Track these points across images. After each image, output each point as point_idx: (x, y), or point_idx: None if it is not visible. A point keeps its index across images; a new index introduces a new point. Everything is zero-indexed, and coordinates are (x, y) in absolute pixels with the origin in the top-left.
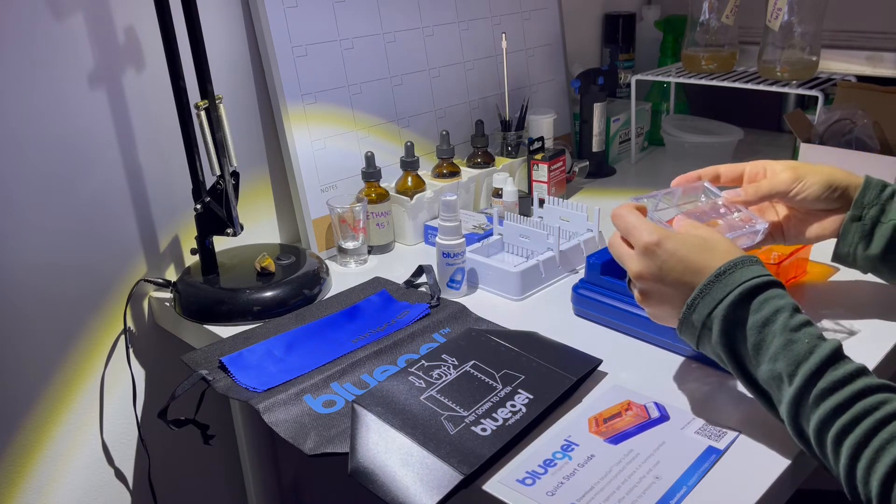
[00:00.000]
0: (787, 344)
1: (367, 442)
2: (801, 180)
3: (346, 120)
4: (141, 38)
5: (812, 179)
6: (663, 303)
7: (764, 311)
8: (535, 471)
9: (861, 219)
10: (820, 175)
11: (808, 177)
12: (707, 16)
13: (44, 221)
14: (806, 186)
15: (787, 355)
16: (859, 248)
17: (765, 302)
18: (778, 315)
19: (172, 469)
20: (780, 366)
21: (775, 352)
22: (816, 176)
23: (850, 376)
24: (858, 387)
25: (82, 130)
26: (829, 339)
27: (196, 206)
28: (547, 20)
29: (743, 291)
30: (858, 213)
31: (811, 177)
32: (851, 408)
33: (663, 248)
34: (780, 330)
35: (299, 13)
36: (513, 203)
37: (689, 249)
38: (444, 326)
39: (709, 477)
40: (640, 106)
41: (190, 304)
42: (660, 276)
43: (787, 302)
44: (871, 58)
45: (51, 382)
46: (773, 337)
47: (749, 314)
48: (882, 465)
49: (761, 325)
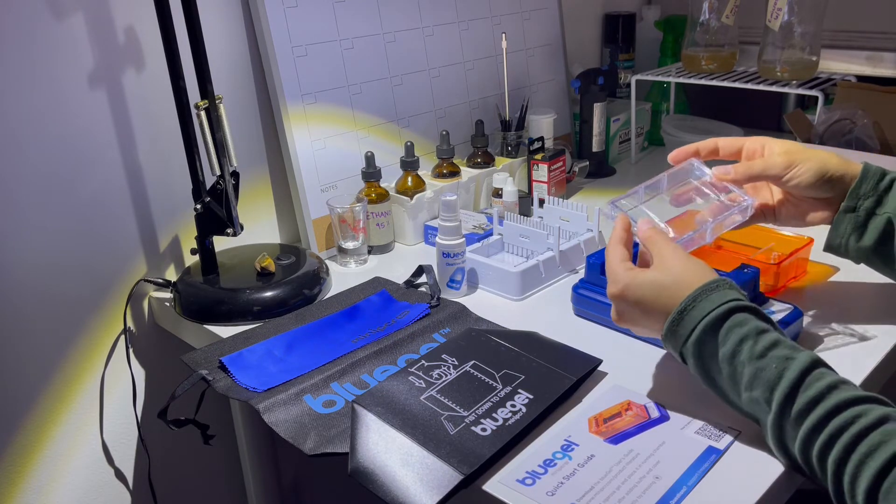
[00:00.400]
0: (756, 372)
1: (367, 442)
2: (795, 166)
3: (346, 120)
4: (141, 38)
5: (806, 166)
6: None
7: (728, 344)
8: (535, 471)
9: (855, 210)
10: (814, 162)
11: (802, 163)
12: (707, 16)
13: (44, 221)
14: (799, 173)
15: (759, 383)
16: (852, 238)
17: (728, 333)
18: (742, 344)
19: (172, 469)
20: (757, 393)
21: (749, 381)
22: (810, 163)
23: (821, 394)
24: (831, 404)
25: (82, 130)
26: (797, 356)
27: (196, 206)
28: (547, 20)
29: (705, 327)
30: (853, 204)
31: (805, 163)
32: (827, 426)
33: (627, 299)
34: (748, 359)
35: (299, 13)
36: (513, 203)
37: (651, 295)
38: (444, 326)
39: (709, 477)
40: (640, 106)
41: (190, 304)
42: (631, 318)
43: (749, 328)
44: (871, 58)
45: (51, 382)
46: (743, 367)
47: (717, 347)
48: (864, 480)
49: (730, 358)
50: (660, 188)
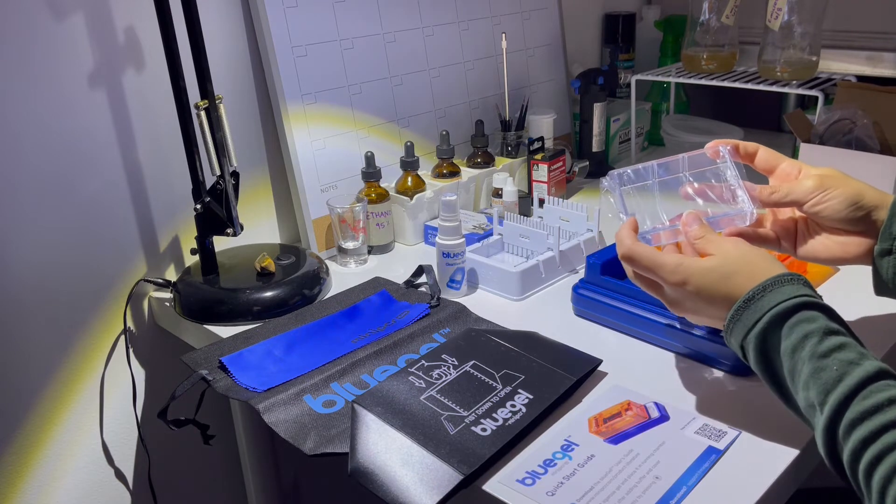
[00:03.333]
0: (815, 371)
1: (367, 442)
2: (824, 190)
3: (346, 120)
4: (141, 38)
5: (836, 192)
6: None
7: (793, 337)
8: (535, 471)
9: (892, 252)
10: (847, 189)
11: (833, 189)
12: (707, 16)
13: (44, 221)
14: (827, 198)
15: (816, 383)
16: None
17: (795, 326)
18: (807, 340)
19: (172, 469)
20: (812, 394)
21: (806, 379)
22: (842, 189)
23: (881, 405)
24: (889, 417)
25: (82, 130)
26: (864, 364)
27: (196, 206)
28: (547, 20)
29: (772, 318)
30: (888, 246)
31: (837, 189)
32: (878, 439)
33: (687, 288)
34: (809, 356)
35: (299, 13)
36: (513, 203)
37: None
38: (444, 326)
39: (709, 477)
40: (640, 106)
41: (190, 304)
42: (694, 307)
43: (818, 325)
44: (871, 58)
45: (51, 382)
46: (803, 364)
47: (780, 340)
48: None
49: (791, 352)
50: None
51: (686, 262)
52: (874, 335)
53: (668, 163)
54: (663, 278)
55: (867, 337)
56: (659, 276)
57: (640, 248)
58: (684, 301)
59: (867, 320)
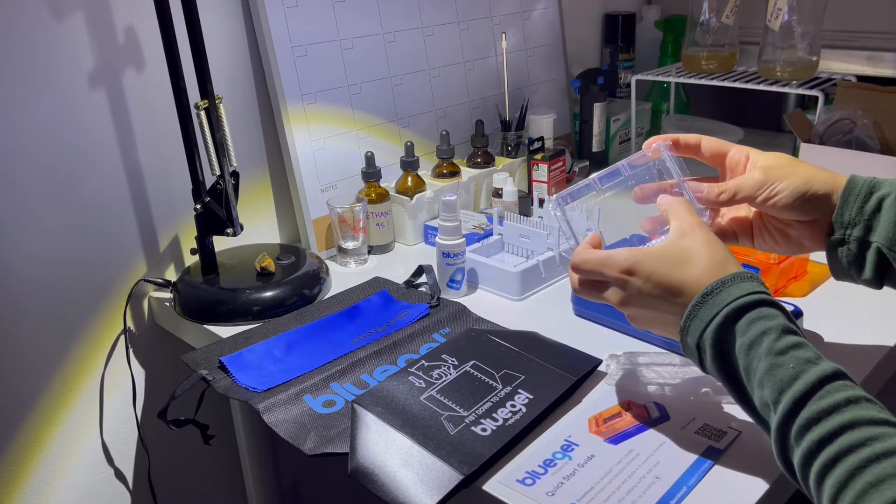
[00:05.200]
0: (770, 368)
1: (367, 442)
2: (771, 184)
3: (346, 120)
4: (141, 38)
5: (784, 184)
6: (655, 325)
7: (750, 333)
8: (535, 471)
9: (845, 241)
10: (795, 179)
11: (780, 180)
12: (707, 16)
13: (44, 221)
14: (775, 191)
15: (771, 381)
16: (852, 272)
17: (752, 323)
18: (764, 337)
19: (172, 469)
20: (766, 392)
21: (761, 377)
22: (790, 180)
23: (838, 405)
24: (847, 418)
25: (82, 130)
26: (821, 364)
27: (196, 206)
28: (547, 20)
29: (728, 313)
30: (841, 236)
31: (784, 181)
32: (835, 441)
33: (640, 272)
34: (766, 353)
35: (299, 13)
36: (513, 203)
37: (669, 267)
38: (444, 326)
39: (709, 477)
40: (640, 106)
41: (190, 304)
42: (641, 301)
43: (775, 323)
44: (871, 58)
45: (51, 382)
46: (759, 361)
47: (737, 336)
48: None
49: (748, 348)
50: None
51: (635, 249)
52: (874, 334)
53: (609, 172)
54: (610, 273)
55: (867, 336)
56: (606, 271)
57: (588, 251)
58: (632, 293)
59: (867, 319)
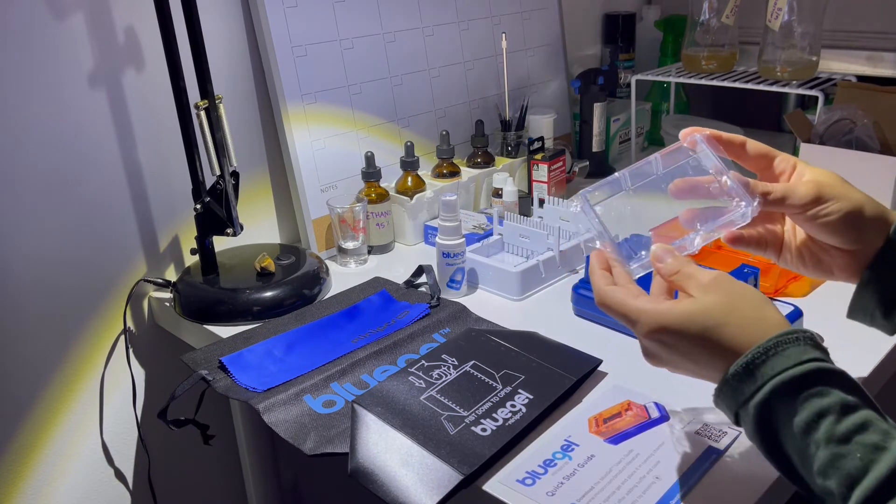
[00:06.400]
0: (834, 459)
1: (367, 442)
2: (824, 201)
3: (346, 120)
4: (141, 38)
5: (837, 205)
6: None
7: (804, 414)
8: (535, 471)
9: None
10: (847, 202)
11: (833, 200)
12: (707, 16)
13: (44, 221)
14: (825, 211)
15: (836, 472)
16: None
17: (806, 402)
18: (822, 420)
19: (172, 469)
20: (832, 484)
21: (823, 466)
22: (843, 202)
23: None
24: None
25: (82, 130)
26: (891, 445)
27: (196, 206)
28: (547, 20)
29: (777, 387)
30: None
31: (837, 202)
32: None
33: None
34: (825, 440)
35: (299, 13)
36: (513, 203)
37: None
38: (444, 326)
39: (709, 477)
40: (640, 106)
41: (190, 304)
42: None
43: (832, 400)
44: (871, 58)
45: (51, 382)
46: (818, 448)
47: (790, 414)
48: None
49: (803, 433)
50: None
51: (660, 308)
52: (872, 337)
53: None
54: (635, 329)
55: (867, 337)
56: (630, 325)
57: (610, 293)
58: (660, 353)
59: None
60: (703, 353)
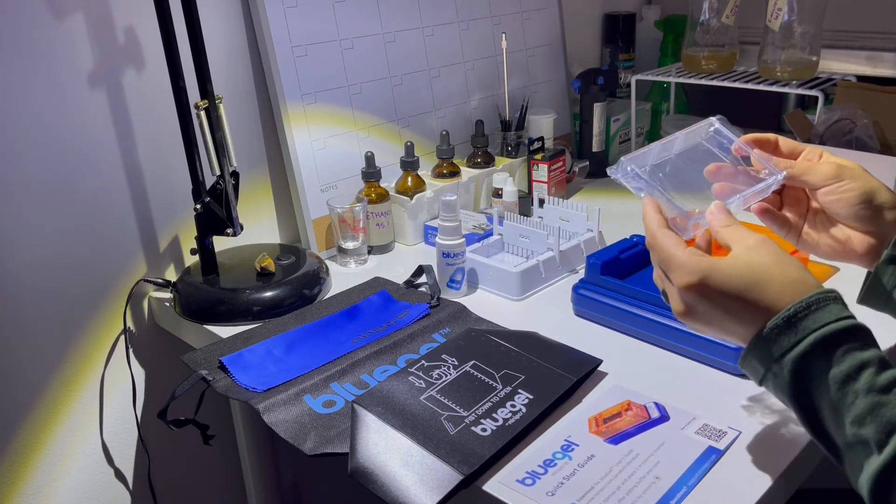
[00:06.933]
0: (874, 407)
1: (367, 442)
2: (843, 180)
3: (346, 120)
4: (141, 38)
5: (853, 185)
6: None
7: (844, 366)
8: (535, 471)
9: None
10: (864, 183)
11: (850, 181)
12: (707, 16)
13: (44, 221)
14: (842, 189)
15: (876, 420)
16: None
17: (846, 354)
18: (862, 371)
19: (172, 469)
20: (868, 431)
21: (860, 414)
22: (860, 182)
23: None
24: None
25: (82, 130)
26: None
27: (196, 206)
28: (547, 20)
29: (817, 340)
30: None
31: (854, 182)
32: None
33: (707, 292)
34: (865, 389)
35: (299, 13)
36: (513, 203)
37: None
38: (444, 326)
39: (709, 477)
40: (640, 106)
41: (190, 304)
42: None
43: (872, 354)
44: (871, 58)
45: (51, 382)
46: (856, 397)
47: (827, 367)
48: None
49: (842, 382)
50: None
51: (708, 259)
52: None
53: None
54: (675, 277)
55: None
56: (671, 272)
57: (662, 235)
58: (696, 305)
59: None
60: (741, 309)
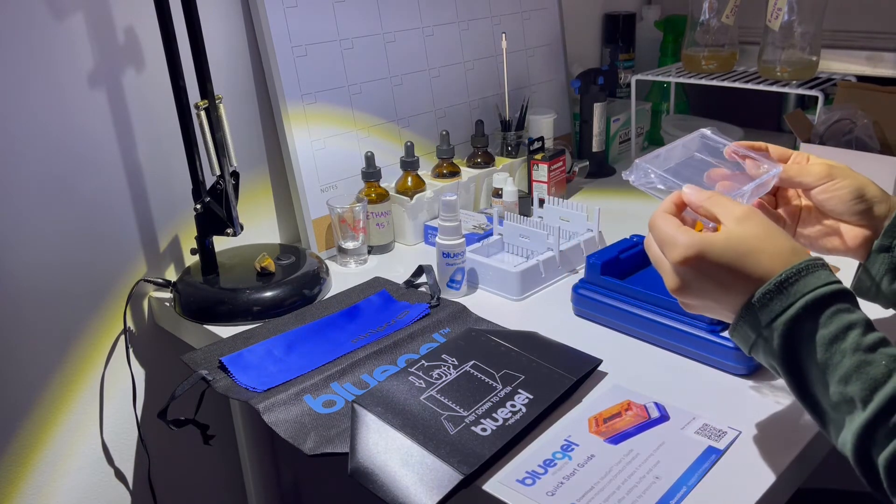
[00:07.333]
0: (860, 365)
1: (367, 442)
2: (834, 179)
3: (346, 120)
4: (141, 38)
5: (844, 182)
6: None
7: (832, 327)
8: (535, 471)
9: (891, 249)
10: (854, 180)
11: (841, 179)
12: (707, 16)
13: (43, 221)
14: (836, 187)
15: (861, 378)
16: (885, 280)
17: (834, 316)
18: (849, 332)
19: (172, 469)
20: (853, 389)
21: (846, 373)
22: (850, 180)
23: None
24: None
25: (82, 131)
26: None
27: (196, 206)
28: (547, 20)
29: (808, 304)
30: (888, 243)
31: (845, 180)
32: None
33: (701, 264)
34: (852, 349)
35: (299, 13)
36: (513, 203)
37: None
38: (444, 326)
39: (709, 477)
40: (640, 106)
41: (190, 304)
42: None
43: (858, 316)
44: (871, 58)
45: (51, 382)
46: (843, 356)
47: (815, 328)
48: None
49: (829, 342)
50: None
51: (701, 234)
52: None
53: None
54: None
55: None
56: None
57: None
58: (691, 280)
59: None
60: (734, 281)
